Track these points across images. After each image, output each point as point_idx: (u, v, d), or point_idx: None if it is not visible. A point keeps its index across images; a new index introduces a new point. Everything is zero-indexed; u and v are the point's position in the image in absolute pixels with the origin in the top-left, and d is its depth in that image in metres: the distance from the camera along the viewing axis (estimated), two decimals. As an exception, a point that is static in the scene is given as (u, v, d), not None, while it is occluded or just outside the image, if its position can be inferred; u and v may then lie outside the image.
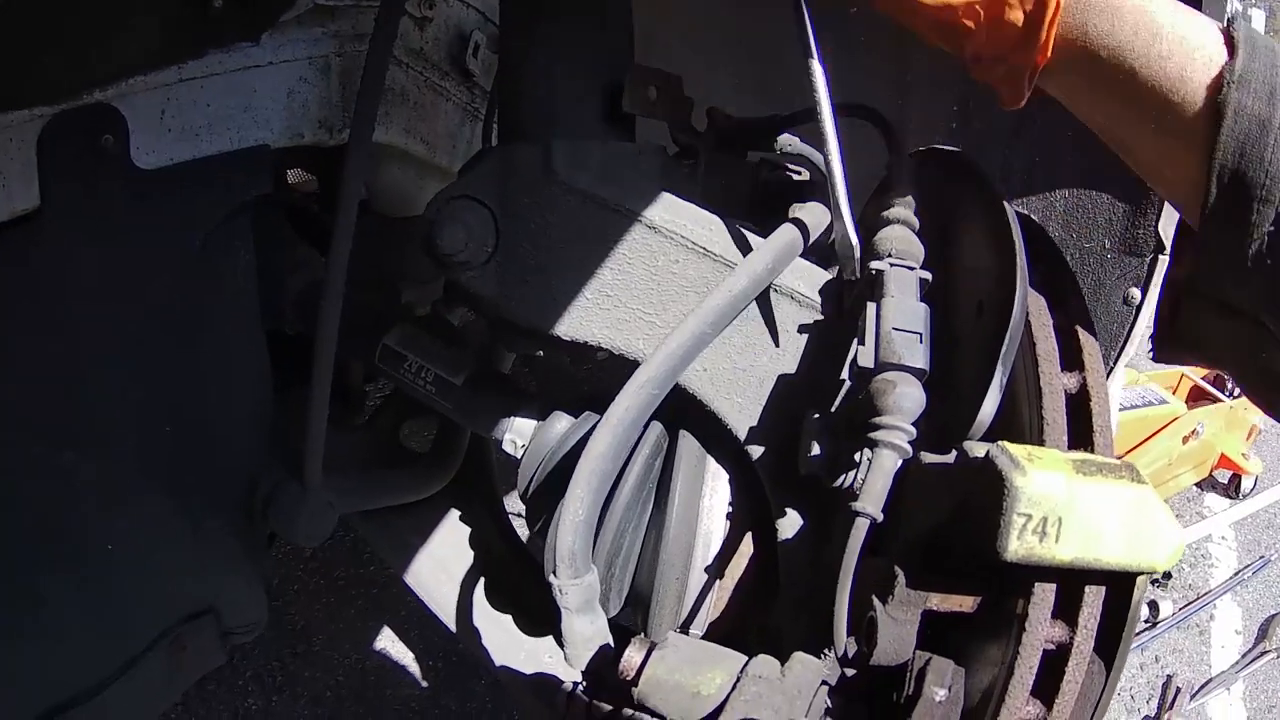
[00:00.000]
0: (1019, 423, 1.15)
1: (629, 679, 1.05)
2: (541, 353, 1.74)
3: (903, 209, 1.33)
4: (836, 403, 1.27)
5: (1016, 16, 1.05)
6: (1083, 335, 1.21)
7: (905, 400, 1.11)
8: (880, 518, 1.10)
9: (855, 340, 1.19)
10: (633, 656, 1.07)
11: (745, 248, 1.37)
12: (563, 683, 1.21)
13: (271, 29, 1.55)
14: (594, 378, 1.71)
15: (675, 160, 1.60)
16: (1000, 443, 1.00)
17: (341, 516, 1.92)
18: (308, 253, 1.92)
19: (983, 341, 1.16)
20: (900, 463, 1.13)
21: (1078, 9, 1.05)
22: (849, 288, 1.32)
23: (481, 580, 2.05)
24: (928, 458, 1.13)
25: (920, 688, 1.04)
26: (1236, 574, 5.77)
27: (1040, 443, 1.11)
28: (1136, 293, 1.94)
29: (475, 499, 2.13)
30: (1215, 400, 6.32)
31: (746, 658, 1.11)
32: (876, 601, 1.08)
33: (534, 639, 2.03)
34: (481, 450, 2.12)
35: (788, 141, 1.67)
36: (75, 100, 1.30)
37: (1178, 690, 4.58)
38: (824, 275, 1.40)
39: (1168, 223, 1.85)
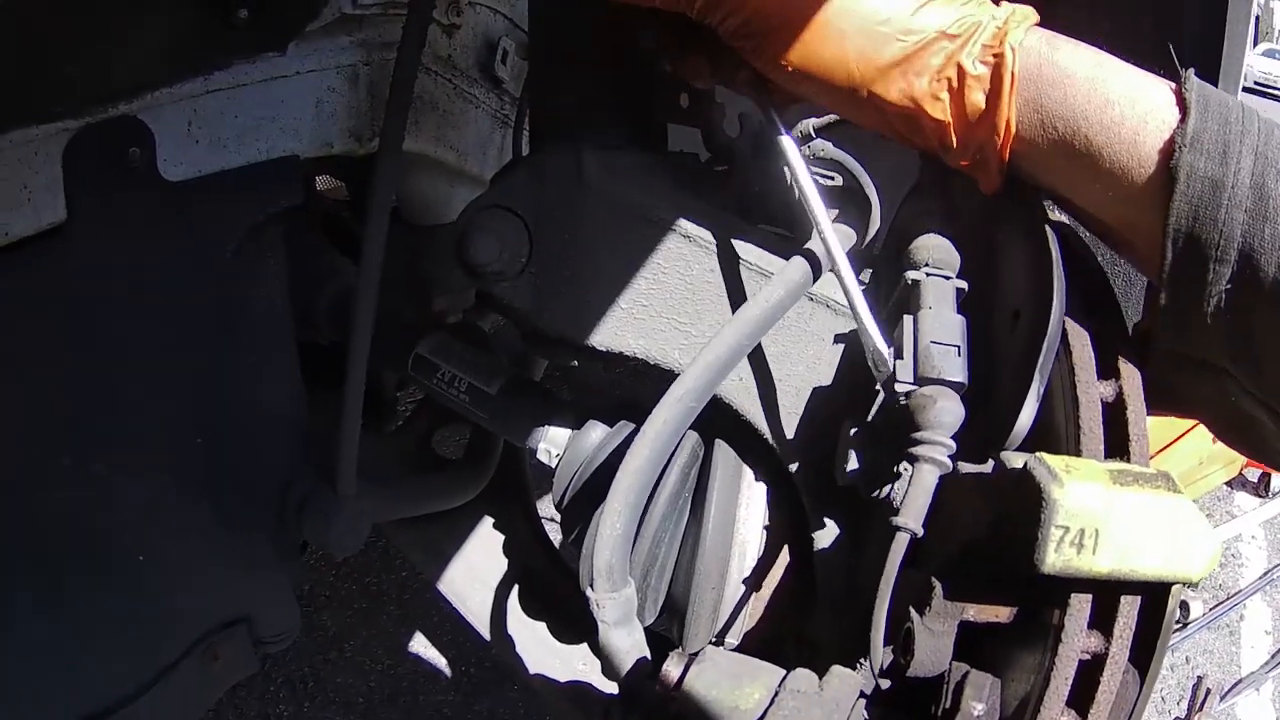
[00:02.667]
0: (1055, 432, 1.14)
1: (668, 693, 1.05)
2: (576, 363, 1.73)
3: (936, 217, 1.32)
4: (873, 412, 1.26)
5: (978, 98, 1.09)
6: (1120, 341, 1.19)
7: (945, 415, 1.11)
8: (921, 533, 1.09)
9: (892, 352, 1.19)
10: (670, 670, 1.07)
11: (781, 257, 1.36)
12: (600, 693, 1.22)
13: (298, 38, 1.56)
14: (627, 384, 1.70)
15: (708, 168, 1.60)
16: (1038, 454, 1.00)
17: (373, 523, 1.93)
18: (340, 261, 1.92)
19: (1019, 351, 1.15)
20: (939, 477, 1.13)
21: (1030, 83, 1.08)
22: (885, 298, 1.32)
23: (515, 588, 2.06)
24: (965, 468, 1.12)
25: (958, 702, 1.04)
26: (1266, 573, 5.71)
27: (1077, 453, 1.10)
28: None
29: (509, 506, 2.13)
30: None
31: (784, 671, 1.10)
32: (914, 613, 1.08)
33: (568, 646, 2.04)
34: (515, 456, 2.12)
35: (820, 147, 1.67)
36: (101, 113, 1.30)
37: (1208, 691, 4.51)
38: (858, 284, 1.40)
39: None
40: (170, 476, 1.60)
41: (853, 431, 1.22)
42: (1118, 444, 1.12)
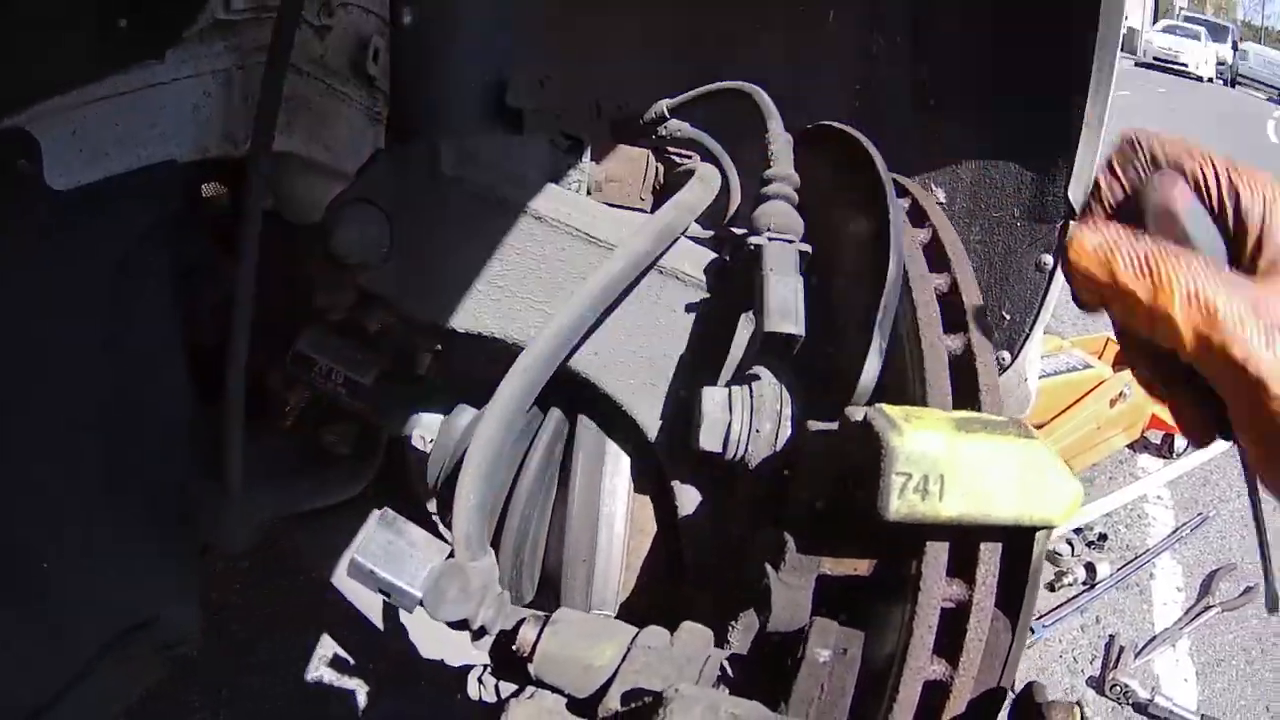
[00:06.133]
0: (905, 388, 1.17)
1: (525, 656, 1.07)
2: (440, 347, 1.76)
3: (781, 184, 1.35)
4: (725, 377, 1.29)
5: None
6: (967, 298, 1.23)
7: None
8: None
9: (742, 315, 1.22)
10: (527, 634, 1.09)
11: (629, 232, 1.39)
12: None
13: (175, 46, 1.57)
14: (497, 368, 1.73)
15: (563, 152, 1.62)
16: (879, 405, 1.01)
17: (275, 525, 1.94)
18: (223, 264, 1.93)
19: (861, 309, 1.18)
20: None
21: None
22: (732, 265, 1.35)
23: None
24: (813, 425, 1.14)
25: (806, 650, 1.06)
26: (1175, 531, 5.84)
27: (924, 405, 1.13)
28: (1048, 259, 1.96)
29: (397, 498, 2.14)
30: None
31: (637, 630, 1.13)
32: (769, 569, 1.10)
33: (459, 631, 2.05)
34: (403, 450, 2.14)
35: (677, 127, 1.70)
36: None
37: (1121, 649, 4.63)
38: (709, 255, 1.44)
39: (1076, 188, 1.87)
40: (70, 483, 1.61)
41: (705, 393, 1.25)
42: (967, 395, 1.15)
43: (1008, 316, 2.06)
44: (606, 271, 1.27)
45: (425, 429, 1.64)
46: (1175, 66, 38.13)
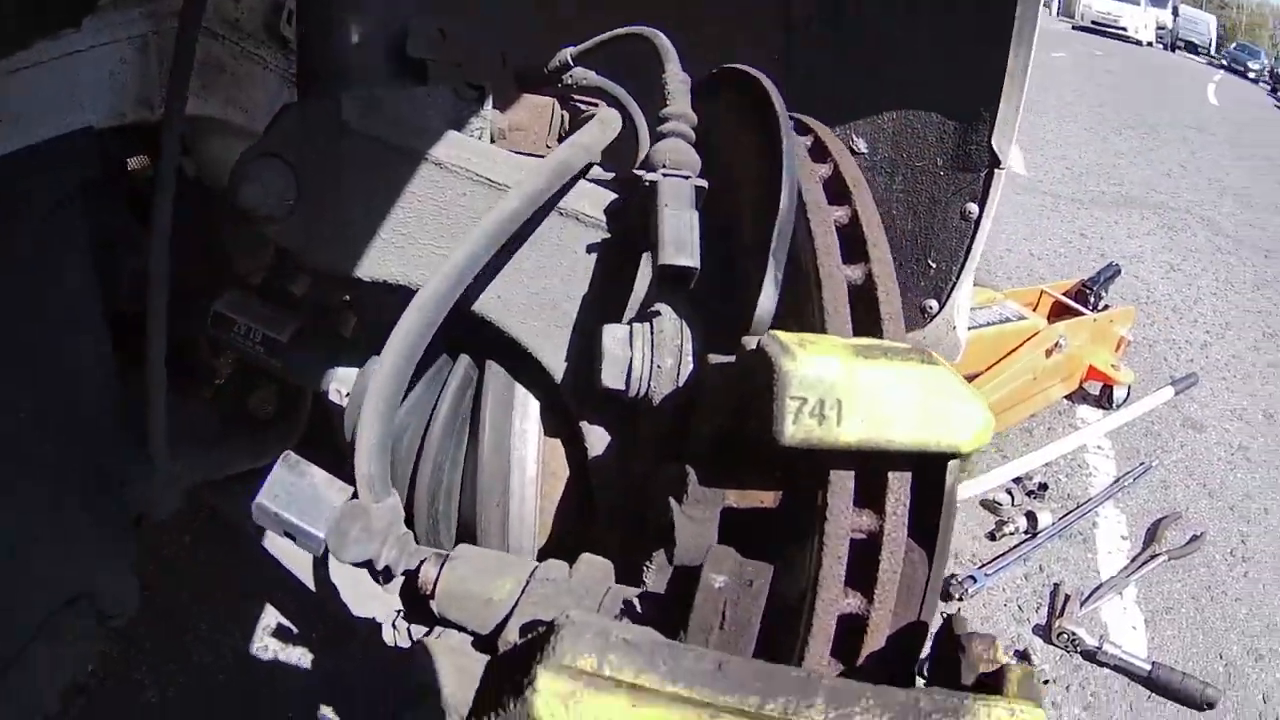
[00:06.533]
0: (807, 319, 1.17)
1: (428, 594, 1.08)
2: (349, 298, 1.76)
3: (677, 122, 1.36)
4: (629, 316, 1.30)
5: None
6: (868, 229, 1.24)
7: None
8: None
9: (644, 254, 1.23)
10: (428, 571, 1.10)
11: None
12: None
13: (92, 13, 1.57)
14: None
15: (465, 101, 1.63)
16: (772, 332, 1.01)
17: (207, 492, 1.95)
18: (145, 234, 1.94)
19: (759, 242, 1.18)
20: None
21: None
22: (631, 204, 1.36)
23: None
24: (714, 359, 1.15)
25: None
26: (1117, 481, 5.89)
27: (823, 333, 1.13)
28: (973, 207, 2.01)
29: (323, 456, 2.15)
30: (1078, 315, 6.36)
31: (536, 564, 1.13)
32: (674, 503, 1.10)
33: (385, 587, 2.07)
34: (327, 410, 2.15)
35: (582, 75, 1.71)
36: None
37: (1067, 597, 4.69)
38: (609, 196, 1.44)
39: (1000, 137, 1.90)
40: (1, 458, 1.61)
41: (608, 331, 1.25)
42: (869, 325, 1.16)
43: (934, 265, 2.10)
44: (500, 210, 1.27)
45: (341, 382, 1.65)
46: (1114, 30, 38.43)
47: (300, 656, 3.68)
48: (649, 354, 1.22)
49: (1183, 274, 10.49)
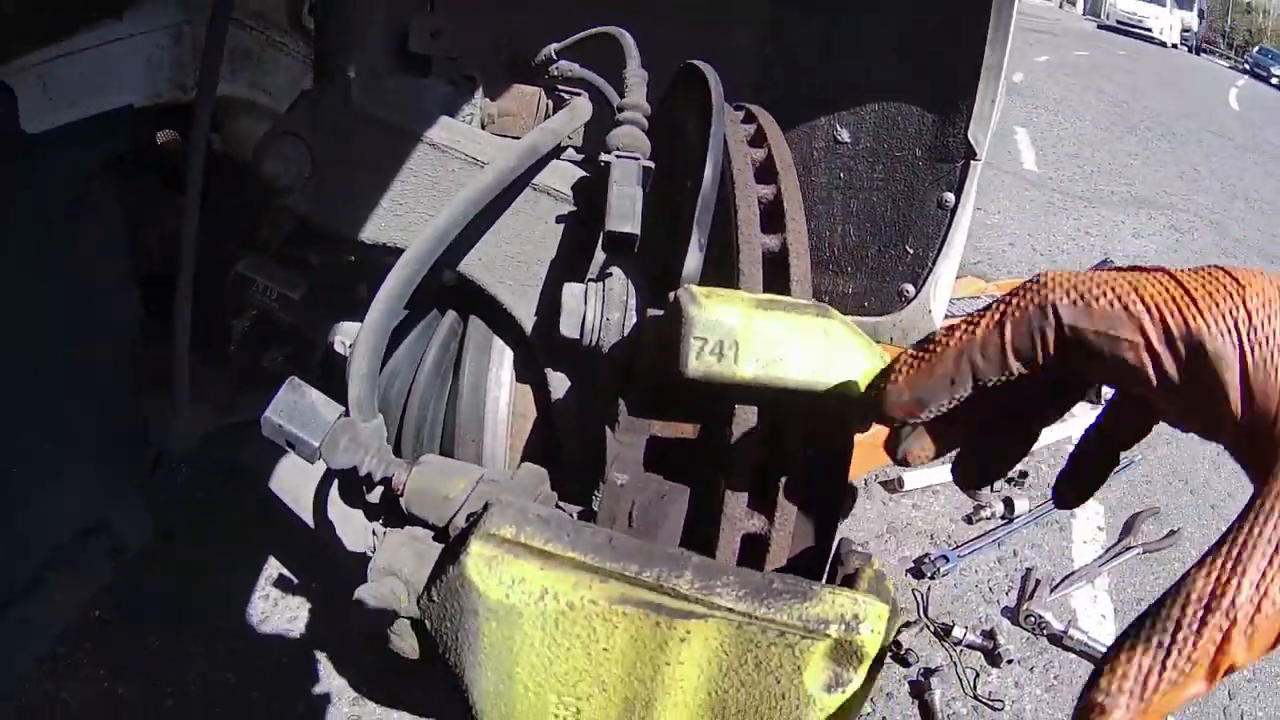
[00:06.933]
0: (727, 279, 1.29)
1: (399, 493, 1.27)
2: (354, 258, 1.97)
3: (632, 112, 1.59)
4: (588, 278, 1.49)
5: None
6: (789, 205, 1.37)
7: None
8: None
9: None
10: (400, 475, 1.25)
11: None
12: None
13: (132, 6, 1.77)
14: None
15: (459, 91, 1.85)
16: (687, 286, 1.14)
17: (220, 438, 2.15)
18: (175, 201, 2.13)
19: (689, 212, 1.34)
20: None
21: None
22: (594, 182, 1.58)
23: (335, 480, 2.26)
24: (651, 312, 1.31)
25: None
26: None
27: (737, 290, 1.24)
28: (950, 196, 2.15)
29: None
30: None
31: (484, 469, 1.31)
32: (608, 430, 1.27)
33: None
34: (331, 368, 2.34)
35: (568, 68, 1.94)
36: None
37: (1038, 582, 4.81)
38: (578, 174, 1.65)
39: (976, 129, 2.05)
40: (33, 396, 1.81)
41: (568, 288, 1.44)
42: (780, 286, 1.30)
43: (911, 251, 2.25)
44: (476, 184, 1.47)
45: (346, 335, 1.84)
46: (1139, 30, 38.22)
47: (302, 609, 3.85)
48: (600, 309, 1.40)
49: None
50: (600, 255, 1.49)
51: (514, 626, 0.97)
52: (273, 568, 3.98)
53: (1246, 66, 39.98)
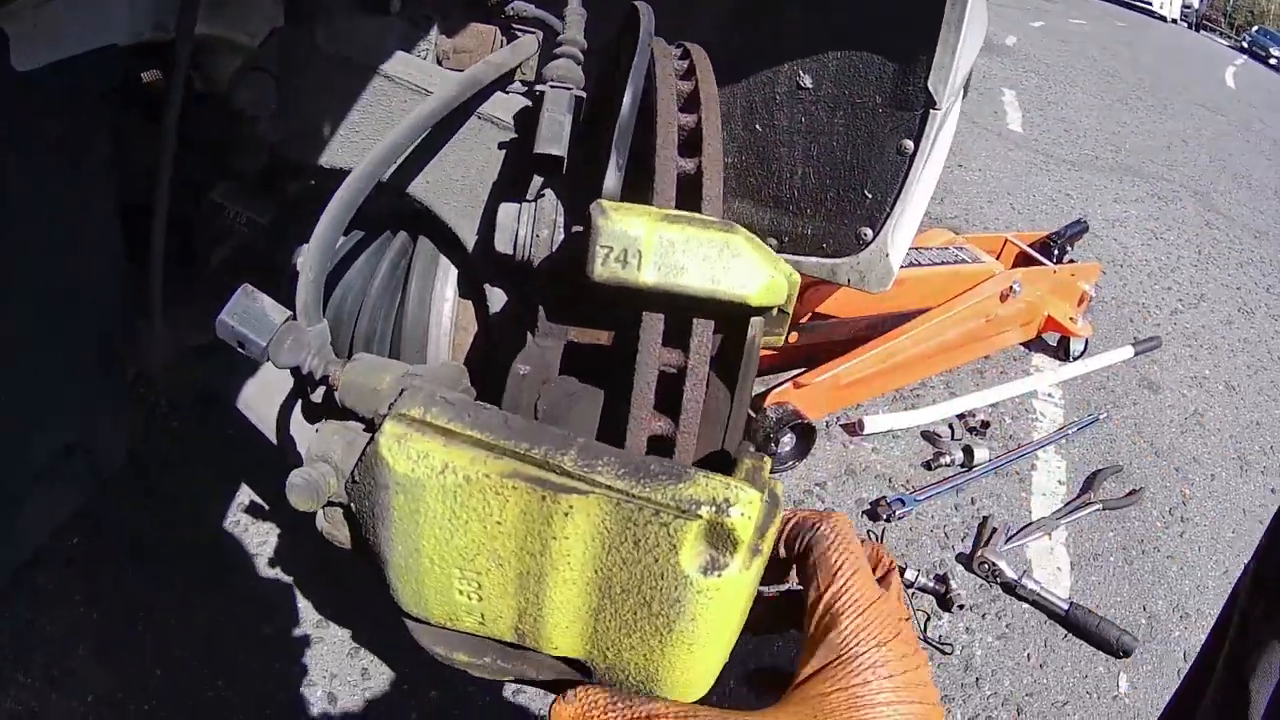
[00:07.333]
0: (644, 198, 1.33)
1: (335, 389, 1.31)
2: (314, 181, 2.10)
3: (568, 46, 1.71)
4: (525, 198, 1.60)
5: None
6: (708, 132, 1.43)
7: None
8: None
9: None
10: (336, 371, 1.32)
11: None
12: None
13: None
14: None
15: (417, 29, 1.99)
16: (599, 200, 1.20)
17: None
18: (154, 134, 2.25)
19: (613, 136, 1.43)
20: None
21: None
22: (532, 111, 1.70)
23: (298, 399, 2.38)
24: (575, 229, 1.44)
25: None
26: (1062, 429, 6.02)
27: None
28: (909, 143, 2.19)
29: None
30: (1039, 265, 6.53)
31: (409, 365, 1.34)
32: (528, 334, 1.37)
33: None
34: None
35: (522, 7, 2.07)
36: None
37: (994, 530, 4.87)
38: (522, 103, 1.78)
39: (936, 80, 2.10)
40: (19, 316, 1.90)
41: (504, 206, 1.56)
42: (693, 204, 1.36)
43: (870, 195, 2.30)
44: (419, 110, 1.57)
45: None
46: (1140, 4, 38.13)
47: (270, 534, 3.99)
48: (531, 226, 1.52)
49: (1165, 242, 10.52)
50: (537, 180, 1.60)
51: (419, 499, 1.05)
52: (244, 495, 4.07)
53: (1244, 45, 39.84)
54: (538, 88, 1.60)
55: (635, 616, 1.03)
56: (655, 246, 1.11)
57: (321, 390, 1.40)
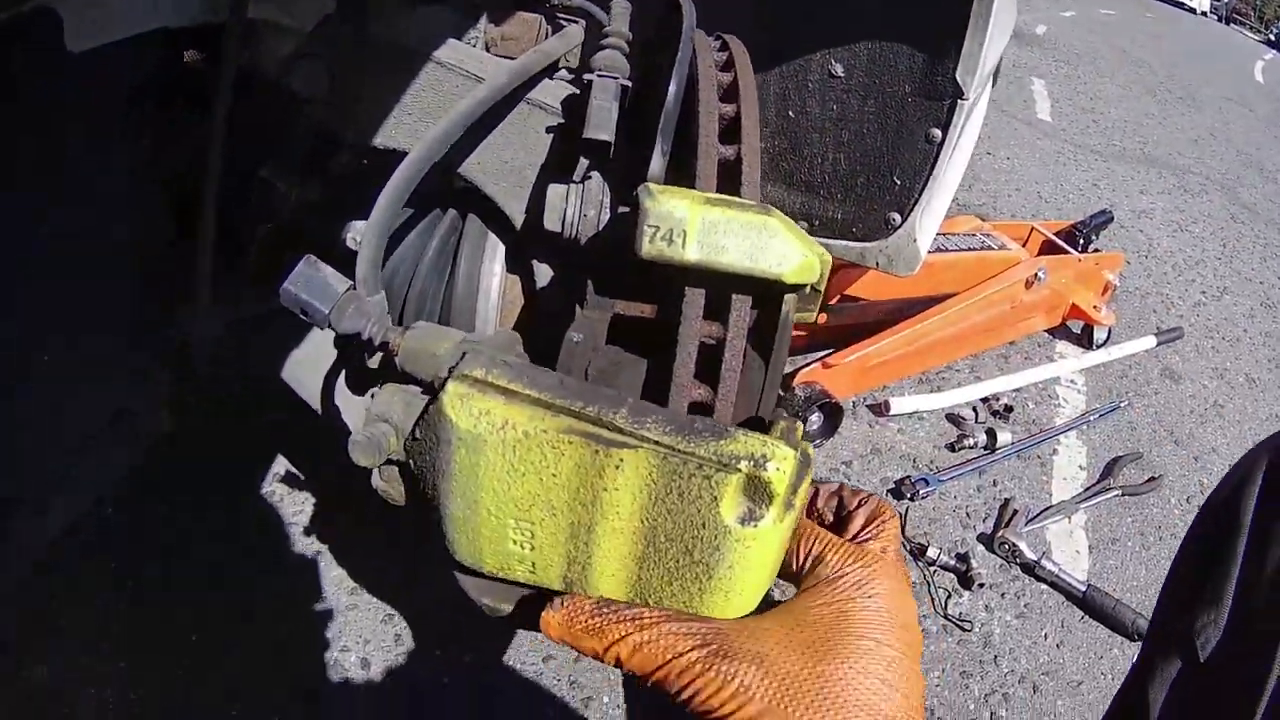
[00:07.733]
0: (687, 182, 1.39)
1: (395, 354, 1.36)
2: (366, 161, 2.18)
3: (614, 37, 1.79)
4: (572, 179, 1.67)
5: None
6: (746, 121, 1.51)
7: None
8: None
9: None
10: (396, 337, 1.35)
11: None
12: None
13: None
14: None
15: (466, 17, 2.08)
16: (646, 184, 1.27)
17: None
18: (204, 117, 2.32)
19: (659, 124, 1.50)
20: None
21: None
22: (580, 98, 1.78)
23: (342, 370, 2.45)
24: (622, 210, 1.51)
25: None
26: (1084, 415, 6.02)
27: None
28: (937, 132, 2.28)
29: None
30: (1064, 253, 6.55)
31: (465, 333, 1.41)
32: (577, 307, 1.44)
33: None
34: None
35: (568, -5, 2.16)
36: (20, 6, 1.62)
37: (1015, 512, 4.88)
38: (568, 90, 1.86)
39: (964, 71, 2.17)
40: (71, 287, 1.99)
41: (552, 187, 1.64)
42: (733, 189, 1.44)
43: (898, 182, 2.39)
44: (472, 96, 1.65)
45: (356, 232, 2.03)
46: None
47: (306, 504, 4.06)
48: (579, 206, 1.59)
49: (1190, 235, 10.44)
50: (583, 163, 1.67)
51: (480, 453, 1.11)
52: (280, 465, 4.14)
53: (1274, 39, 39.47)
54: (585, 76, 1.68)
55: (678, 564, 1.10)
56: (698, 227, 1.17)
57: (379, 356, 1.48)
